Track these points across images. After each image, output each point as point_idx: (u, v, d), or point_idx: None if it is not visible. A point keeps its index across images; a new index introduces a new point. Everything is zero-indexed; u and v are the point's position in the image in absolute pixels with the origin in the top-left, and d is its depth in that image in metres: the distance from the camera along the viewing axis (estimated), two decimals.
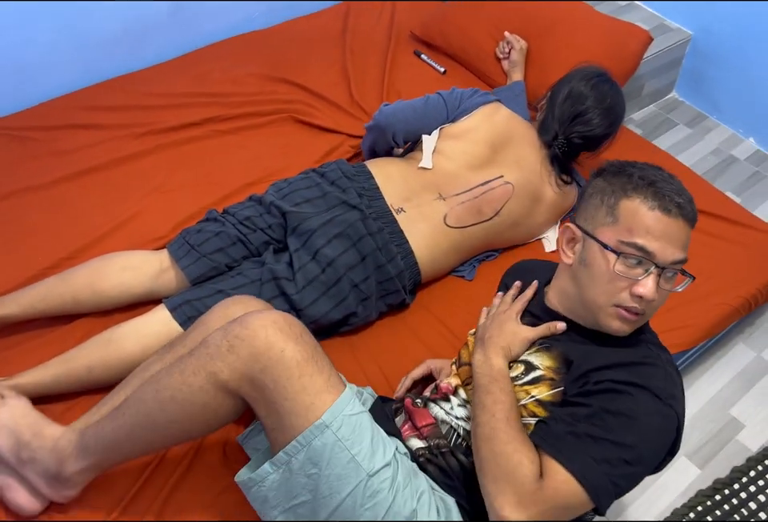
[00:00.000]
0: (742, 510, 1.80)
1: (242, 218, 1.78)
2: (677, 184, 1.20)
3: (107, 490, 1.45)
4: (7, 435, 1.34)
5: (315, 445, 1.19)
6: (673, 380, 1.20)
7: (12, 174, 2.01)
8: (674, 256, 1.16)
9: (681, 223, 1.17)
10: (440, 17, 2.58)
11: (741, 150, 2.70)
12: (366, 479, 1.20)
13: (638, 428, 1.12)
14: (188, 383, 1.24)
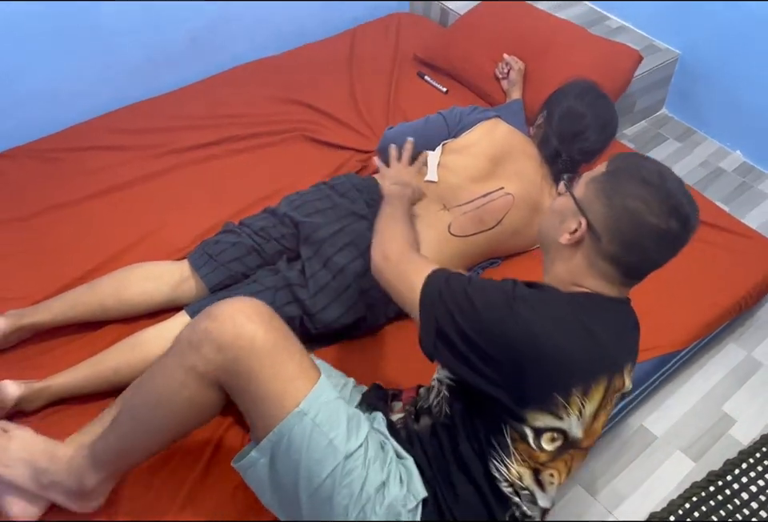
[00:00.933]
0: (735, 500, 1.79)
1: (256, 229, 1.79)
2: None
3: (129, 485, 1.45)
4: (24, 466, 1.32)
5: (295, 432, 1.20)
6: (533, 299, 1.22)
7: (44, 192, 2.02)
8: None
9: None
10: (442, 40, 2.60)
11: (728, 162, 2.71)
12: (343, 460, 1.21)
13: (479, 287, 1.24)
14: (169, 383, 1.24)
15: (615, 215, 1.18)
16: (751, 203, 2.55)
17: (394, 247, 1.40)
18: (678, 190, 1.19)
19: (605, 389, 1.19)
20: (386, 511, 1.22)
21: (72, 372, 1.54)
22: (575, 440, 1.21)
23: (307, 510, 1.24)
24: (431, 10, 2.94)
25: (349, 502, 1.21)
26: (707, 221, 2.14)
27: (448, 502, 1.26)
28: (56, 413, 1.55)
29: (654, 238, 1.17)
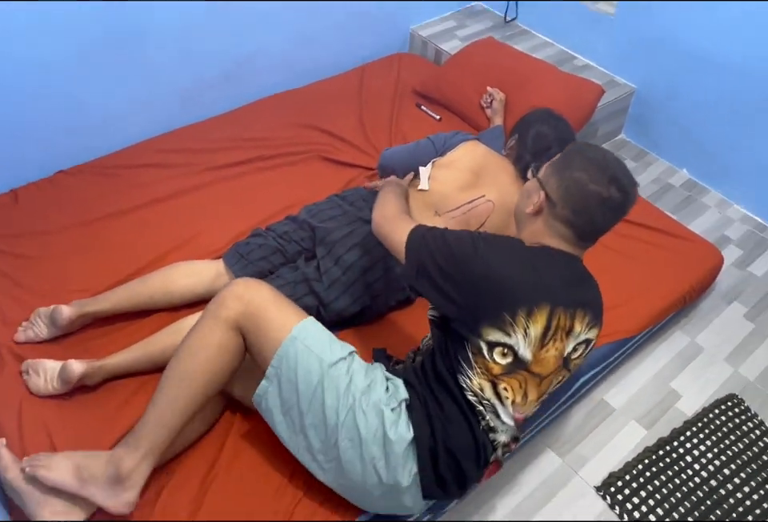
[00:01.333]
0: (680, 462, 1.79)
1: (280, 233, 1.81)
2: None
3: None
4: (66, 466, 1.26)
5: (290, 354, 1.29)
6: (493, 240, 1.32)
7: (103, 202, 2.03)
8: None
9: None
10: (436, 76, 2.59)
11: (676, 178, 2.70)
12: (328, 369, 1.29)
13: (452, 232, 1.32)
14: (202, 334, 1.33)
15: (564, 185, 1.28)
16: (695, 214, 2.54)
17: (387, 210, 1.47)
18: (617, 166, 1.28)
19: (547, 316, 1.23)
20: (372, 410, 1.28)
21: (126, 353, 1.55)
22: (524, 360, 1.25)
23: (309, 420, 1.29)
24: (427, 50, 2.93)
25: (338, 405, 1.27)
26: (658, 227, 2.16)
27: (434, 409, 1.30)
28: (113, 387, 1.57)
29: (597, 203, 1.25)
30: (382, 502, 1.34)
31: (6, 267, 1.82)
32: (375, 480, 1.28)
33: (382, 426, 1.27)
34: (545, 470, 1.76)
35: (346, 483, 1.32)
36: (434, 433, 1.28)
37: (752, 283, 2.30)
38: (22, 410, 1.47)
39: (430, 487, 1.31)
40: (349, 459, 1.28)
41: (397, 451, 1.26)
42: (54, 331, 1.62)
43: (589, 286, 1.35)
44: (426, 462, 1.28)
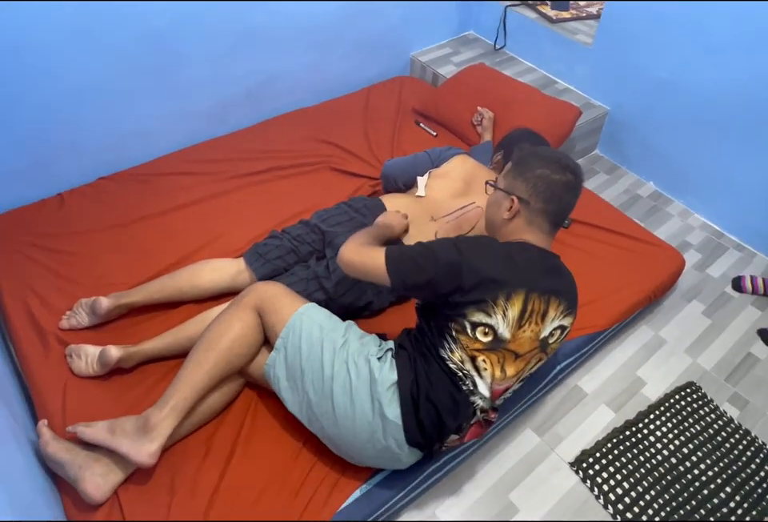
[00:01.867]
0: (644, 441, 1.79)
1: (294, 236, 1.80)
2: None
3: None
4: (103, 424, 1.31)
5: (296, 326, 1.37)
6: (473, 241, 1.31)
7: (138, 206, 2.03)
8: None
9: None
10: (433, 97, 2.58)
11: (643, 190, 2.69)
12: (327, 332, 1.36)
13: (433, 244, 1.30)
14: (231, 314, 1.41)
15: (531, 183, 1.32)
16: (660, 221, 2.54)
17: (354, 244, 1.39)
18: (562, 156, 1.36)
19: (523, 300, 1.25)
20: (362, 361, 1.32)
21: (158, 339, 1.55)
22: (503, 339, 1.26)
23: (308, 377, 1.32)
24: (426, 74, 2.92)
25: (333, 358, 1.32)
26: (628, 233, 2.15)
27: (421, 365, 1.32)
28: (145, 370, 1.57)
29: (562, 188, 1.32)
30: (371, 450, 1.33)
31: (52, 263, 1.81)
32: (364, 423, 1.29)
33: (369, 371, 1.30)
34: (525, 447, 1.76)
35: (340, 433, 1.32)
36: (417, 381, 1.30)
37: (709, 284, 2.30)
38: (66, 389, 1.48)
39: (411, 430, 1.30)
40: (341, 405, 1.30)
41: (380, 390, 1.29)
42: (93, 319, 1.63)
43: (562, 276, 1.36)
44: (408, 405, 1.29)
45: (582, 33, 2.72)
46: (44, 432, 1.34)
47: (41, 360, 1.54)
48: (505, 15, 2.91)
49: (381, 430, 1.29)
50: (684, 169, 2.54)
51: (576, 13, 2.85)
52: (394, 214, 1.71)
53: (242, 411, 1.50)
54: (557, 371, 1.78)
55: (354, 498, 1.40)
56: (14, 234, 1.90)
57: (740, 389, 1.96)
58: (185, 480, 1.36)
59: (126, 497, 1.31)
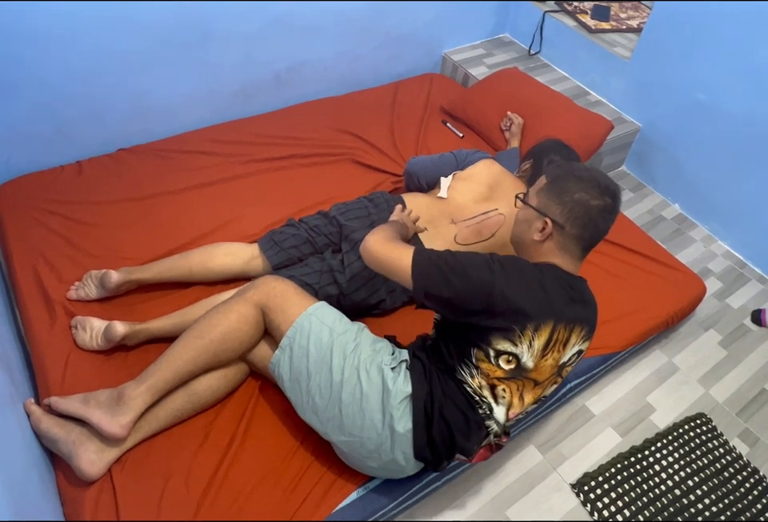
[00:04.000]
0: (649, 470, 1.79)
1: (311, 226, 1.80)
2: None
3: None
4: (76, 397, 1.33)
5: (304, 326, 1.34)
6: (513, 258, 1.27)
7: (155, 181, 2.03)
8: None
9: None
10: (462, 97, 2.59)
11: (668, 212, 2.70)
12: (337, 336, 1.33)
13: (464, 256, 1.24)
14: (229, 303, 1.39)
15: (569, 208, 1.26)
16: (683, 245, 2.55)
17: (381, 235, 1.33)
18: (602, 177, 1.29)
19: (550, 331, 1.23)
20: (374, 369, 1.30)
21: (164, 319, 1.55)
22: (526, 368, 1.25)
23: (315, 381, 1.31)
24: (457, 73, 2.93)
25: (343, 364, 1.30)
26: (651, 256, 2.15)
27: (436, 381, 1.30)
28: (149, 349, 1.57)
29: (601, 214, 1.27)
30: (377, 460, 1.32)
31: (65, 231, 1.82)
32: (373, 434, 1.28)
33: (382, 381, 1.29)
34: (526, 464, 1.76)
35: (345, 440, 1.31)
36: (432, 395, 1.29)
37: (728, 314, 2.31)
38: (68, 361, 1.48)
39: (420, 446, 1.30)
40: (349, 413, 1.29)
41: (393, 403, 1.27)
42: (102, 292, 1.63)
43: (589, 304, 1.34)
44: (420, 419, 1.28)
45: (621, 45, 2.74)
46: (33, 410, 1.34)
47: (46, 329, 1.55)
48: (543, 21, 2.92)
49: (389, 442, 1.29)
50: (712, 194, 2.55)
51: (616, 24, 2.87)
52: (404, 215, 1.70)
53: (244, 400, 1.50)
54: (566, 389, 1.78)
55: (350, 500, 1.40)
56: (29, 199, 1.91)
57: (751, 425, 1.97)
58: (180, 466, 1.36)
59: (120, 477, 1.31)
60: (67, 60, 1.92)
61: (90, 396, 1.32)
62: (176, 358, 1.34)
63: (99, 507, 1.27)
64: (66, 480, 1.31)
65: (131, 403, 1.28)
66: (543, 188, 1.31)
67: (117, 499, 1.27)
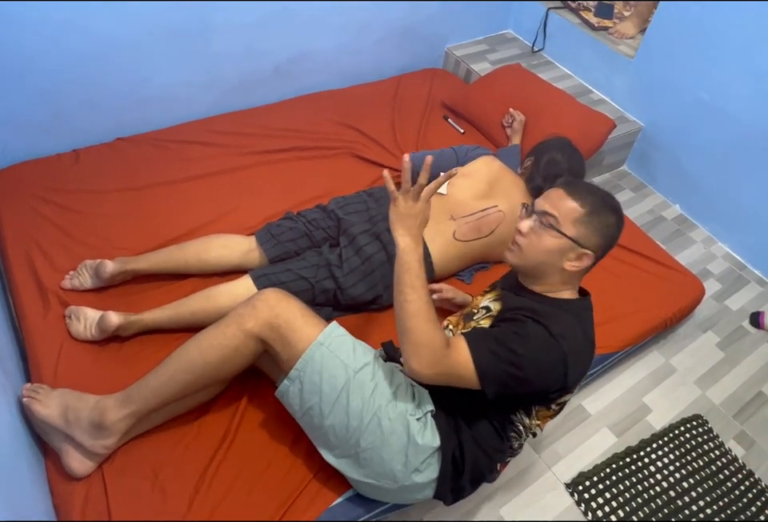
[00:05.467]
0: (644, 470, 1.80)
1: (309, 219, 1.80)
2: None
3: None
4: (58, 405, 1.30)
5: (315, 359, 1.23)
6: (567, 325, 1.17)
7: (153, 171, 2.03)
8: (542, 207, 1.22)
9: (556, 190, 1.23)
10: (464, 93, 2.59)
11: (668, 212, 2.70)
12: (353, 374, 1.23)
13: (527, 343, 1.12)
14: (223, 333, 1.28)
15: (606, 241, 1.23)
16: (683, 246, 2.55)
17: (429, 352, 1.12)
18: (607, 196, 1.26)
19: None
20: (397, 419, 1.23)
21: (159, 311, 1.55)
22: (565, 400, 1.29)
23: (329, 421, 1.24)
24: (459, 69, 2.93)
25: (362, 408, 1.22)
26: (651, 256, 2.15)
27: (464, 426, 1.27)
28: (143, 340, 1.56)
29: (617, 234, 1.25)
30: (389, 499, 1.35)
31: (60, 220, 1.81)
32: (391, 481, 1.26)
33: (407, 433, 1.23)
34: (521, 462, 1.76)
35: (358, 480, 1.29)
36: (461, 445, 1.26)
37: (727, 316, 2.31)
38: (61, 351, 1.48)
39: (444, 491, 1.30)
40: (367, 458, 1.25)
41: (420, 458, 1.24)
42: (96, 282, 1.62)
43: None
44: (448, 470, 1.27)
45: (625, 44, 2.73)
46: None
47: (39, 318, 1.54)
48: (546, 17, 2.92)
49: (408, 491, 1.29)
50: (713, 195, 2.56)
51: (619, 23, 2.86)
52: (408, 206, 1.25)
53: (237, 396, 1.50)
54: None
55: (343, 499, 1.38)
56: (25, 186, 1.90)
57: (747, 428, 1.97)
58: (171, 461, 1.35)
59: (110, 471, 1.31)
60: (66, 46, 1.90)
61: (69, 412, 1.28)
62: (163, 387, 1.28)
63: (89, 501, 1.26)
64: (55, 471, 1.30)
65: (114, 427, 1.27)
66: (582, 220, 1.19)
67: (107, 492, 1.27)
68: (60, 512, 1.25)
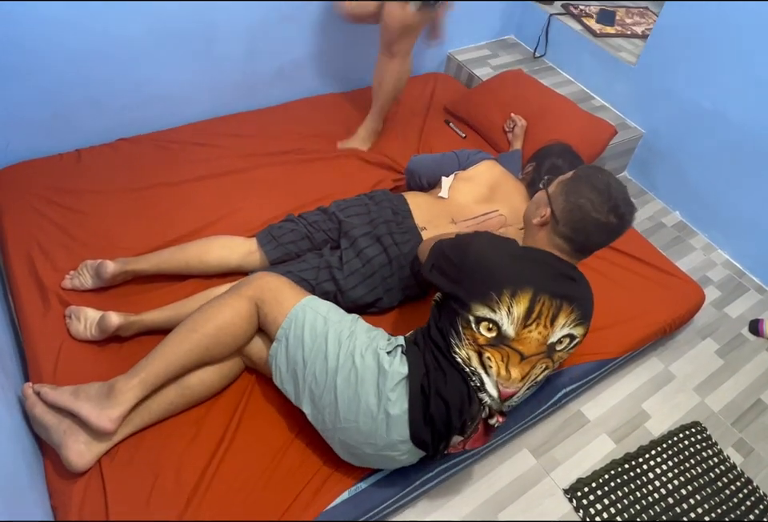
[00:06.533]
0: (643, 477, 1.80)
1: (311, 222, 1.80)
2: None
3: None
4: (66, 389, 1.31)
5: (298, 317, 1.37)
6: (492, 235, 1.42)
7: (155, 172, 2.03)
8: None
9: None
10: (466, 97, 2.60)
11: (668, 219, 2.72)
12: (332, 324, 1.37)
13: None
14: (223, 297, 1.41)
15: (569, 208, 1.33)
16: (682, 253, 2.56)
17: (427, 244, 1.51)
18: (618, 195, 1.31)
19: (530, 299, 1.28)
20: (369, 354, 1.33)
21: (159, 312, 1.55)
22: (507, 336, 1.29)
23: (310, 369, 1.33)
24: (461, 73, 2.94)
25: (338, 350, 1.33)
26: (651, 262, 2.16)
27: (431, 361, 1.34)
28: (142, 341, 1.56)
29: (595, 227, 1.32)
30: (373, 447, 1.33)
31: (61, 219, 1.82)
32: (368, 418, 1.29)
33: (377, 364, 1.31)
34: (519, 467, 1.76)
35: (341, 427, 1.32)
36: (429, 375, 1.31)
37: (726, 323, 2.32)
38: (61, 350, 1.48)
39: (417, 426, 1.30)
40: (344, 398, 1.30)
41: (389, 385, 1.29)
42: (97, 282, 1.63)
43: (578, 284, 1.38)
44: (417, 399, 1.30)
45: (626, 51, 2.76)
46: (29, 395, 1.33)
47: (39, 318, 1.54)
48: (548, 24, 2.94)
49: (385, 425, 1.30)
50: (713, 203, 2.57)
51: (621, 29, 2.89)
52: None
53: (238, 394, 1.50)
54: (561, 394, 1.79)
55: (342, 500, 1.39)
56: (27, 185, 1.91)
57: (746, 436, 1.98)
58: (171, 460, 1.35)
59: (109, 470, 1.30)
60: (69, 46, 1.91)
61: (81, 389, 1.31)
62: (168, 351, 1.34)
63: (87, 500, 1.26)
64: (54, 471, 1.30)
65: (121, 397, 1.28)
66: (563, 181, 1.38)
67: (106, 491, 1.27)
68: (58, 513, 1.25)
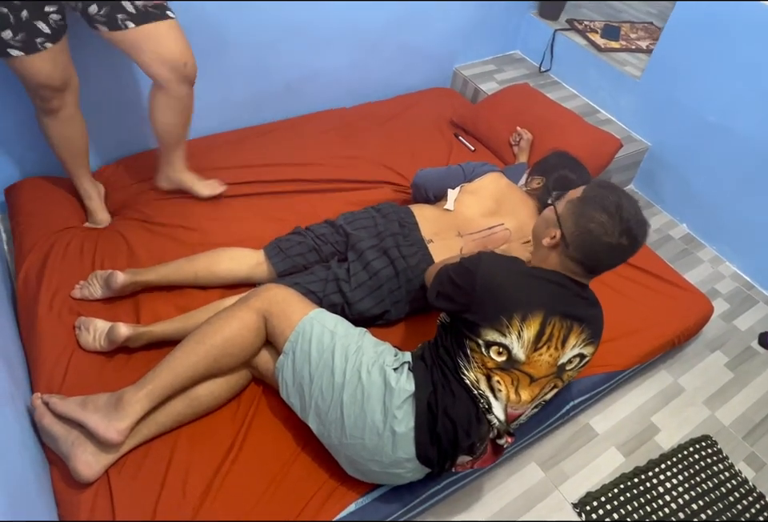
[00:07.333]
0: (653, 491, 1.78)
1: (318, 234, 1.82)
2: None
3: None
4: (74, 400, 1.32)
5: (306, 330, 1.37)
6: (498, 257, 1.38)
7: None
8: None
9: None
10: (472, 112, 2.63)
11: (675, 231, 2.72)
12: (339, 338, 1.36)
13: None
14: (232, 310, 1.41)
15: (579, 233, 1.28)
16: (690, 266, 2.56)
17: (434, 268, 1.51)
18: (630, 216, 1.26)
19: (541, 323, 1.26)
20: (376, 370, 1.32)
21: (168, 323, 1.56)
22: (517, 360, 1.27)
23: (317, 384, 1.32)
24: (467, 88, 2.97)
25: (345, 366, 1.32)
26: (659, 274, 2.16)
27: (439, 379, 1.33)
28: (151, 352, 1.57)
29: (607, 251, 1.27)
30: (378, 464, 1.32)
31: (73, 230, 1.84)
32: (374, 435, 1.28)
33: (384, 381, 1.30)
34: (528, 481, 1.75)
35: (347, 443, 1.31)
36: (436, 393, 1.30)
37: (735, 336, 2.31)
38: (70, 361, 1.49)
39: (423, 445, 1.29)
40: (350, 415, 1.29)
41: (395, 402, 1.28)
42: (107, 292, 1.64)
43: (590, 305, 1.37)
44: (424, 417, 1.29)
45: (631, 65, 2.78)
46: (38, 405, 1.34)
47: (48, 328, 1.55)
48: (553, 39, 2.97)
49: (390, 443, 1.29)
50: (720, 215, 2.57)
51: (626, 44, 2.92)
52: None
53: (245, 405, 1.51)
54: (569, 407, 1.78)
55: (348, 512, 1.39)
56: (42, 197, 1.94)
57: (758, 450, 1.96)
58: (178, 472, 1.35)
59: (117, 480, 1.31)
60: (79, 61, 1.91)
61: (89, 400, 1.32)
62: (176, 363, 1.34)
63: (94, 510, 1.26)
64: (62, 481, 1.30)
65: (129, 408, 1.28)
66: (573, 200, 1.32)
67: (113, 502, 1.27)
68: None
